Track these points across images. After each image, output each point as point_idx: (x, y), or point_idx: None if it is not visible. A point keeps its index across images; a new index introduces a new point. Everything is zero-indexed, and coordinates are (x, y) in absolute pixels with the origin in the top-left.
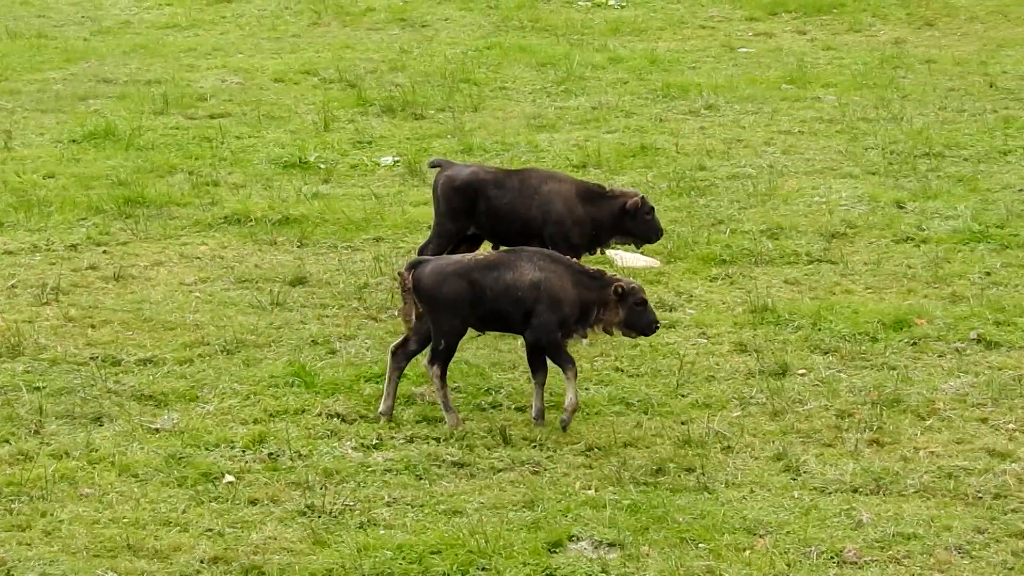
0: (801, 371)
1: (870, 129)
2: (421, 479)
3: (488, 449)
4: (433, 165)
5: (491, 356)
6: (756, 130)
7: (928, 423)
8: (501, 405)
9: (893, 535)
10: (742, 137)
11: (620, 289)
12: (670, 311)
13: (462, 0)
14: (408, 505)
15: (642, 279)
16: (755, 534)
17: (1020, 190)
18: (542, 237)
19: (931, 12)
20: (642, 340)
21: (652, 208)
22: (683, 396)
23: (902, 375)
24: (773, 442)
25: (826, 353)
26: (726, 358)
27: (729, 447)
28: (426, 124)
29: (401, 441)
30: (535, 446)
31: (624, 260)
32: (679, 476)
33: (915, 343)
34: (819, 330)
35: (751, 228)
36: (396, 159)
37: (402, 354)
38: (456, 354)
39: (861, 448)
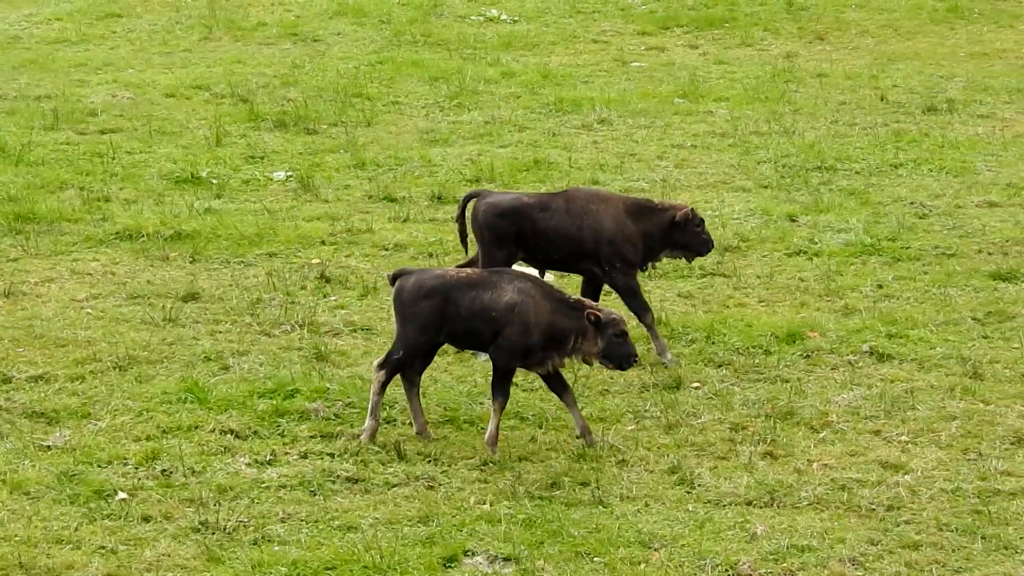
0: (695, 384)
1: (762, 143)
2: (315, 495)
3: (383, 464)
4: (469, 197)
5: None
6: (649, 144)
7: (821, 436)
8: (395, 420)
9: (787, 547)
10: (635, 151)
11: (595, 318)
12: None
13: (354, 14)
14: (302, 521)
15: None
16: (650, 547)
17: (911, 203)
18: (594, 257)
19: (822, 26)
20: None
21: (702, 220)
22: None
23: (795, 388)
24: (667, 455)
25: (720, 366)
26: (620, 372)
27: (624, 461)
28: (319, 139)
29: (295, 457)
30: (430, 461)
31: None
32: (574, 490)
33: (808, 356)
34: (713, 343)
35: None
36: (289, 174)
37: (411, 371)
38: (350, 369)
39: (755, 461)
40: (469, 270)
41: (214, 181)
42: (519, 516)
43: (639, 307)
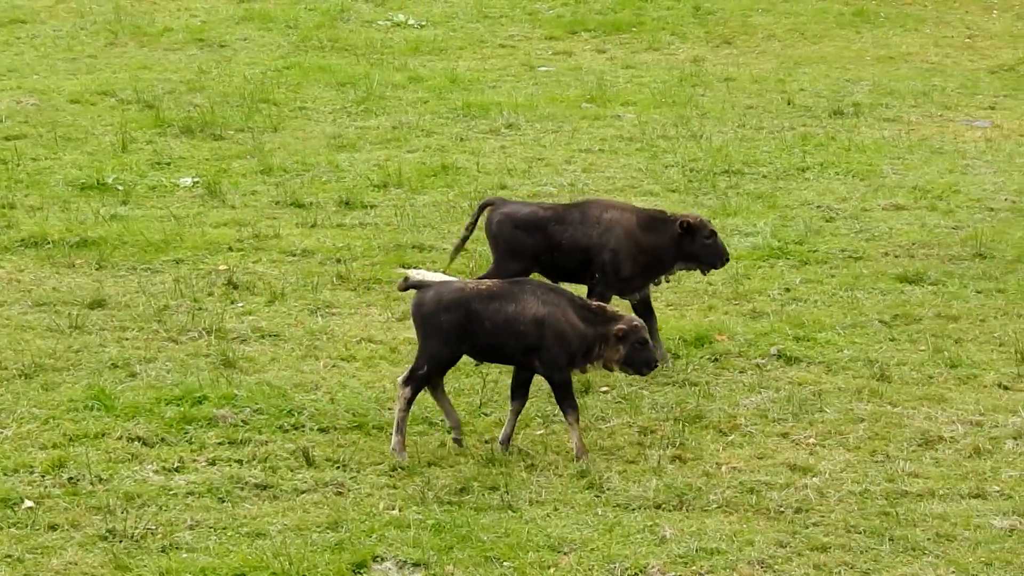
0: (604, 388)
1: (670, 147)
2: (224, 502)
3: (291, 471)
4: (485, 205)
5: (293, 377)
6: (557, 149)
7: (730, 438)
8: (304, 426)
9: (696, 550)
10: (543, 156)
11: (622, 328)
12: None
13: (261, 20)
14: (211, 528)
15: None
16: (559, 552)
17: (818, 206)
18: (595, 266)
19: (729, 30)
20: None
21: (713, 232)
22: (486, 415)
23: (704, 391)
24: (576, 459)
25: None
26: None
27: (533, 465)
28: (225, 145)
29: (203, 464)
30: (338, 467)
31: (422, 277)
32: (483, 495)
33: (716, 359)
34: None
35: None
36: (195, 180)
37: (437, 382)
38: (258, 375)
39: (664, 464)
40: (488, 281)
41: (120, 187)
42: (428, 521)
43: None
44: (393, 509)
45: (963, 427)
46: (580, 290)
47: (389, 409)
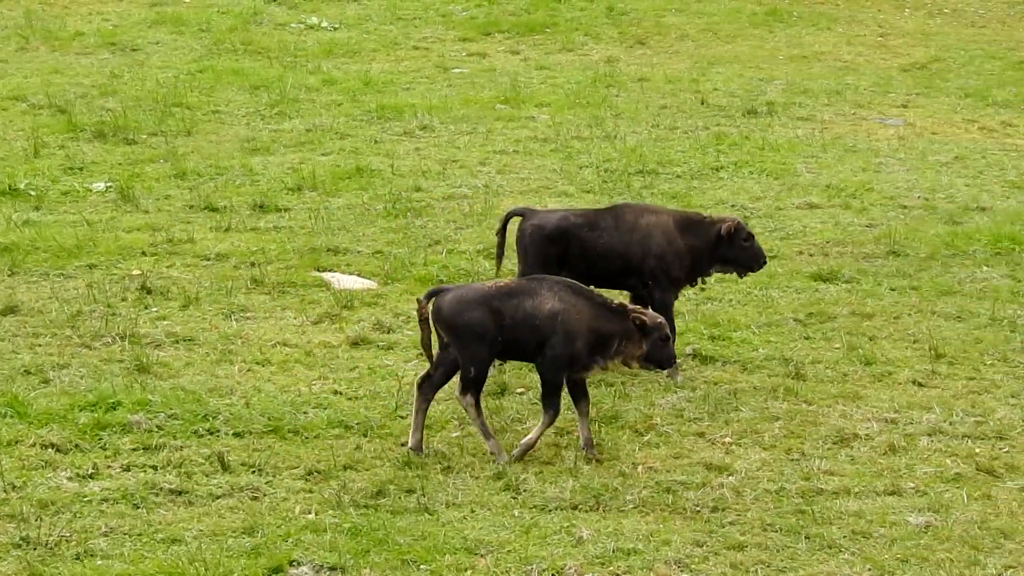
0: (520, 390)
1: (584, 147)
2: (138, 508)
3: (206, 476)
4: (513, 215)
5: (208, 382)
6: (471, 150)
7: (646, 438)
8: (219, 431)
9: (613, 551)
10: (457, 157)
11: (640, 322)
12: (388, 332)
13: (173, 24)
14: (125, 535)
15: (360, 301)
16: (476, 554)
17: (732, 205)
18: (641, 273)
19: (642, 31)
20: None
21: (750, 235)
22: (402, 418)
23: (619, 392)
24: (493, 461)
25: None
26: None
27: (449, 467)
28: (138, 149)
29: (118, 470)
30: (254, 471)
31: (340, 282)
32: (400, 498)
33: None
34: None
35: (468, 248)
36: (108, 185)
37: (428, 386)
38: (172, 380)
39: (580, 465)
40: (506, 279)
41: (32, 193)
42: (344, 525)
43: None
44: (309, 513)
45: (878, 424)
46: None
47: (305, 413)
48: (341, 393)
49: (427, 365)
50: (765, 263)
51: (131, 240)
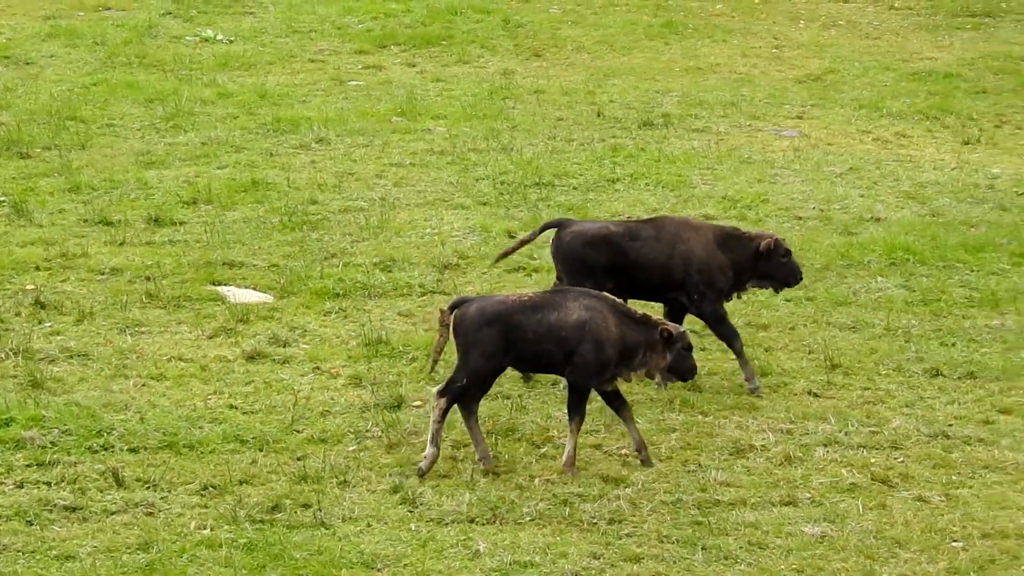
0: (416, 403)
1: (480, 160)
2: (32, 524)
3: (101, 492)
4: (548, 227)
5: (102, 397)
6: (367, 163)
7: (543, 451)
8: (114, 447)
9: (510, 564)
10: (353, 170)
11: (667, 333)
12: (284, 346)
13: (67, 36)
14: (19, 552)
15: (255, 315)
16: (373, 568)
17: (628, 217)
18: (683, 286)
19: (538, 43)
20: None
21: (788, 251)
22: (298, 432)
23: (516, 404)
24: (389, 475)
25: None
26: (341, 392)
27: (346, 481)
28: (32, 163)
29: (11, 487)
30: (149, 487)
31: (236, 296)
32: (296, 512)
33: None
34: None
35: (364, 261)
36: (2, 199)
37: (469, 398)
38: (66, 396)
39: (477, 478)
40: (530, 292)
41: None
42: (240, 540)
43: (728, 333)
44: (205, 529)
45: (774, 435)
46: (650, 308)
47: (200, 428)
48: (237, 407)
49: None
50: (801, 279)
51: (25, 254)
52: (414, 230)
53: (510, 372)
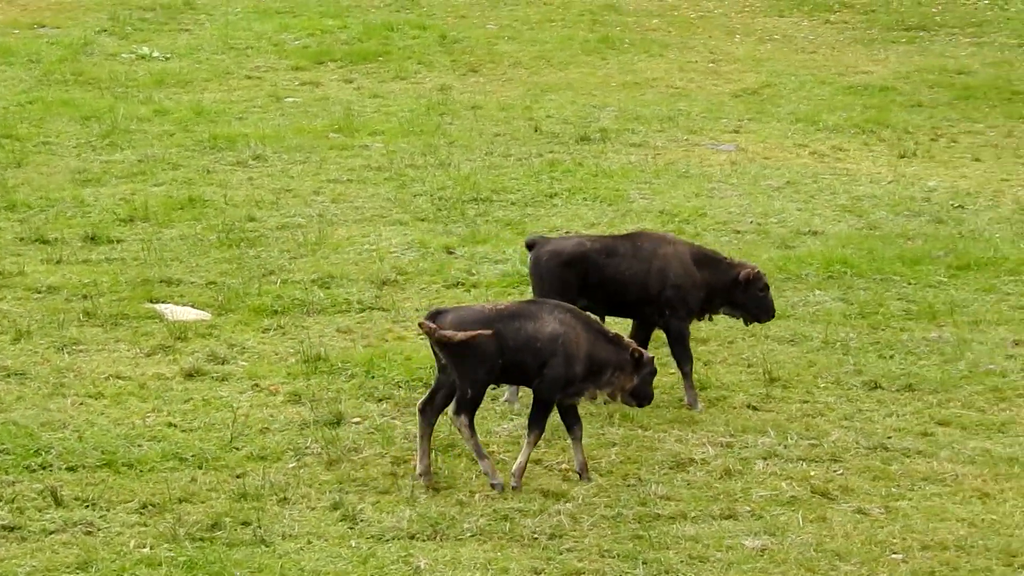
0: (356, 419)
1: (418, 176)
2: None
3: (39, 511)
4: (530, 244)
5: (40, 416)
6: (305, 179)
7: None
8: (52, 466)
9: None
10: (291, 187)
11: (639, 354)
12: (223, 364)
13: (2, 54)
14: None
15: (193, 332)
16: None
17: (567, 232)
18: (656, 301)
19: (475, 59)
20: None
21: (767, 286)
22: (238, 449)
23: None
24: (329, 492)
25: (380, 400)
26: (280, 409)
27: (286, 499)
28: None
29: None
30: (88, 506)
31: (174, 314)
32: (235, 530)
33: None
34: (373, 378)
35: (302, 278)
36: None
37: (431, 410)
38: (3, 415)
39: (418, 494)
40: (507, 301)
41: None
42: (180, 559)
43: (683, 354)
44: (144, 547)
45: (714, 449)
46: (625, 325)
47: (140, 446)
48: (175, 425)
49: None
50: (773, 316)
51: None
52: (352, 246)
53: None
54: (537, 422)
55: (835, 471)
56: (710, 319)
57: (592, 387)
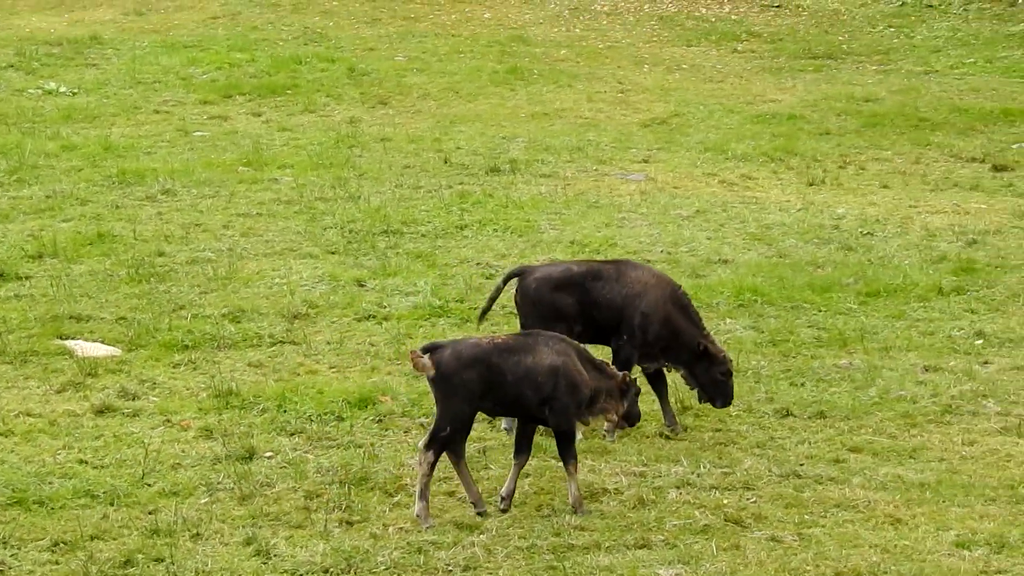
0: (268, 454)
1: (328, 209)
2: None
3: None
4: (511, 276)
5: None
6: (214, 214)
7: (396, 499)
8: None
9: None
10: (200, 221)
11: (628, 382)
12: (133, 399)
13: None
14: None
15: (104, 368)
16: None
17: (478, 264)
18: (630, 326)
19: (384, 91)
20: (103, 432)
21: (730, 372)
22: (150, 485)
23: (369, 453)
24: (242, 527)
25: (292, 435)
26: (192, 444)
27: (198, 534)
28: None
29: None
30: None
31: (84, 350)
32: (148, 567)
33: (380, 420)
34: (285, 412)
35: (213, 312)
36: None
37: (455, 443)
38: None
39: (331, 528)
40: (502, 335)
41: None
42: None
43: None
44: None
45: (627, 478)
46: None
47: (50, 483)
48: (87, 462)
49: None
50: (728, 405)
51: None
52: (262, 280)
53: (356, 422)
54: (568, 452)
55: (748, 499)
56: (668, 370)
57: (588, 415)
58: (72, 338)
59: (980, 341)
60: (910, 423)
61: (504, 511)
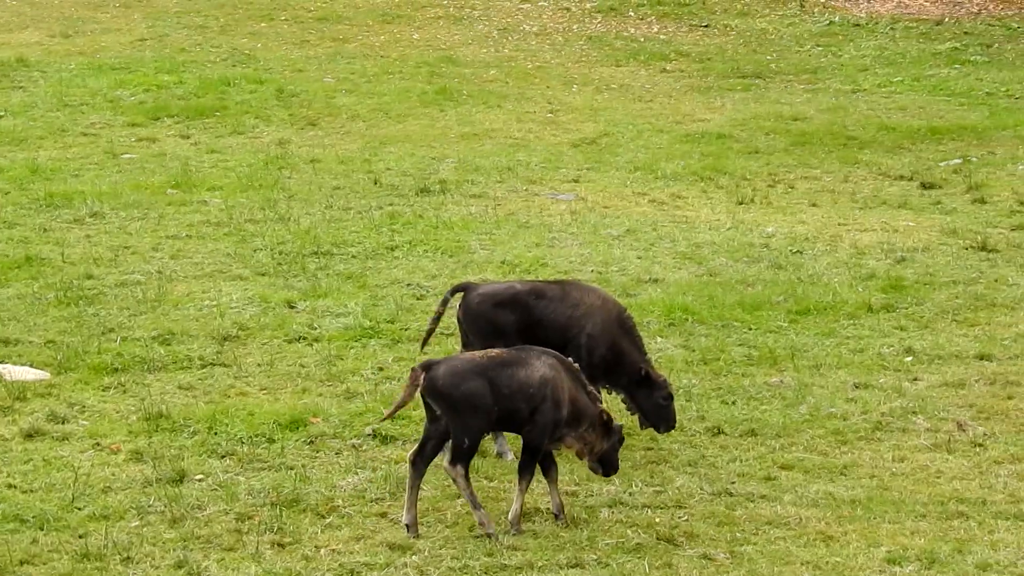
0: (199, 476)
1: (258, 230)
2: None
3: None
4: (455, 291)
5: None
6: (143, 236)
7: (328, 521)
8: None
9: None
10: (129, 244)
11: (609, 418)
12: (63, 423)
13: None
14: None
15: (32, 392)
16: None
17: (408, 284)
18: (577, 347)
19: (313, 112)
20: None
21: (671, 396)
22: (80, 509)
23: (300, 474)
24: (173, 550)
25: (223, 457)
26: (122, 468)
27: (129, 558)
28: None
29: None
30: None
31: (12, 374)
32: None
33: (312, 442)
34: (216, 434)
35: (142, 335)
36: None
37: (421, 461)
38: None
39: (263, 550)
40: (496, 350)
41: None
42: None
43: None
44: None
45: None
46: None
47: None
48: (15, 486)
49: None
50: (671, 429)
51: None
52: (192, 302)
53: (287, 444)
54: (527, 468)
55: (680, 517)
56: (609, 391)
57: (571, 435)
58: (0, 362)
59: (910, 358)
60: (841, 440)
61: (564, 525)
